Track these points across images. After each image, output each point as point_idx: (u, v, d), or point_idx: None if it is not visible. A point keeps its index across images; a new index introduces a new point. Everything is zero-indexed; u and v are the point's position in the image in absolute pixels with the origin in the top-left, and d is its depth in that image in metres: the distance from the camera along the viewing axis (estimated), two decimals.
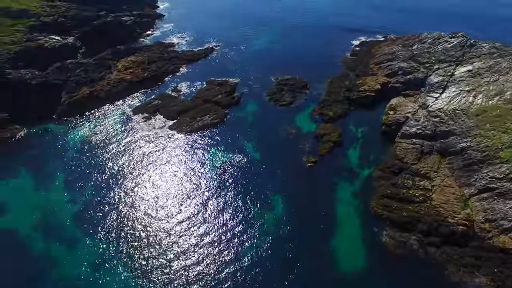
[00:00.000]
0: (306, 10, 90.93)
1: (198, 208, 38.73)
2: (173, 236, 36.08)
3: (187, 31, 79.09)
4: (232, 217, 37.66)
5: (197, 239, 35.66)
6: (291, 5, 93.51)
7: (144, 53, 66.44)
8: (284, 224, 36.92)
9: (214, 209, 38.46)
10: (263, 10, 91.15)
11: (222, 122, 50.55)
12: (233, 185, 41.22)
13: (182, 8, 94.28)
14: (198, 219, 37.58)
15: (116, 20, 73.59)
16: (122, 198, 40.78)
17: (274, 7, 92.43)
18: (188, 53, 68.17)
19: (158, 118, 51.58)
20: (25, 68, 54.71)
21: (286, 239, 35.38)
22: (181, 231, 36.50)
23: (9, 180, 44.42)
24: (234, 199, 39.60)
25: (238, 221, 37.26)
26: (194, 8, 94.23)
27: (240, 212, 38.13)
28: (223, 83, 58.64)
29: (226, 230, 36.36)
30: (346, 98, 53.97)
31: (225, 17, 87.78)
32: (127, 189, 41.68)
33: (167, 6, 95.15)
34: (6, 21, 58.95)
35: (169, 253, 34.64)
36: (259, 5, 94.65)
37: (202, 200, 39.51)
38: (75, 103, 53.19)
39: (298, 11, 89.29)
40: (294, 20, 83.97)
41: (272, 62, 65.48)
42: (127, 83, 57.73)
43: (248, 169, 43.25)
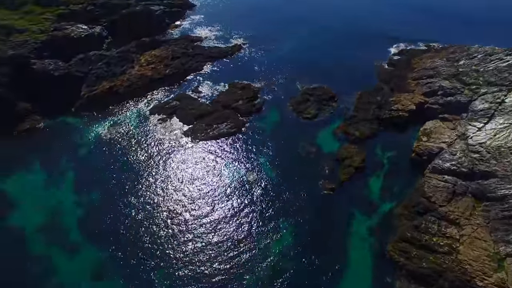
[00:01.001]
0: (342, 13, 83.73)
1: (200, 226, 36.95)
2: (176, 251, 34.66)
3: (217, 24, 76.04)
4: (235, 242, 35.52)
5: (197, 265, 33.99)
6: (327, 7, 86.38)
7: (169, 47, 64.47)
8: (290, 257, 34.38)
9: (217, 230, 36.47)
10: (298, 8, 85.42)
11: (239, 132, 47.94)
12: (240, 205, 38.90)
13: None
14: (200, 239, 35.85)
15: (145, 9, 71.77)
16: (127, 205, 39.73)
17: (310, 7, 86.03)
18: (214, 50, 65.41)
19: (174, 122, 49.76)
20: (50, 58, 54.39)
21: (290, 275, 32.88)
22: (185, 251, 34.97)
23: (23, 174, 44.61)
24: (239, 221, 37.32)
25: (240, 248, 35.10)
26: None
27: (244, 238, 35.90)
28: (246, 87, 55.69)
29: (224, 259, 34.27)
30: (376, 116, 49.50)
31: (258, 11, 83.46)
32: (132, 196, 40.53)
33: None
34: (36, 9, 58.73)
35: (171, 268, 33.34)
36: (294, 2, 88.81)
37: (207, 220, 37.61)
38: (94, 98, 52.42)
39: (334, 13, 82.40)
40: (328, 22, 77.52)
41: (300, 66, 61.38)
42: (148, 79, 56.17)
43: (259, 188, 40.72)
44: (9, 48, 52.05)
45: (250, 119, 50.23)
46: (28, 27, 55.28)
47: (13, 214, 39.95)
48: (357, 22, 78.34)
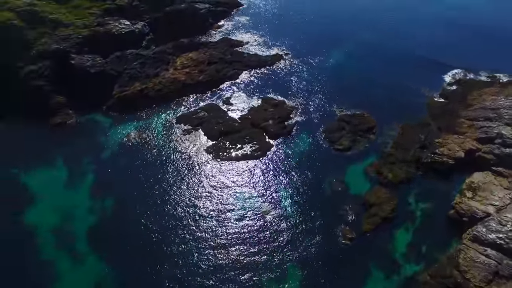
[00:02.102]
0: (394, 30, 75.64)
1: (199, 255, 35.03)
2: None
3: (261, 28, 72.89)
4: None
5: None
6: (381, 23, 78.67)
7: (208, 50, 62.58)
8: None
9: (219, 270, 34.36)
10: (349, 20, 78.66)
11: (263, 156, 45.21)
12: (247, 240, 36.38)
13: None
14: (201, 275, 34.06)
15: (190, 7, 70.32)
16: (138, 216, 38.83)
17: (363, 21, 78.81)
18: (253, 58, 62.54)
19: (199, 135, 48.07)
20: (89, 54, 54.69)
21: None
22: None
23: (47, 169, 45.36)
24: (243, 261, 34.92)
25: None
26: (280, 1, 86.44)
27: (247, 281, 33.60)
28: (279, 105, 52.57)
29: None
30: (416, 158, 44.44)
31: (307, 19, 78.72)
32: (143, 209, 39.56)
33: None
34: (85, 3, 59.15)
35: None
36: (348, 15, 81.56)
37: (208, 250, 35.65)
38: (124, 99, 52.09)
39: (386, 31, 74.54)
40: (378, 39, 70.56)
41: (341, 87, 56.98)
42: (180, 84, 54.82)
43: (272, 224, 37.99)
44: (54, 41, 52.87)
45: (278, 143, 47.24)
46: (73, 21, 55.83)
47: (30, 210, 40.55)
48: (409, 41, 71.07)
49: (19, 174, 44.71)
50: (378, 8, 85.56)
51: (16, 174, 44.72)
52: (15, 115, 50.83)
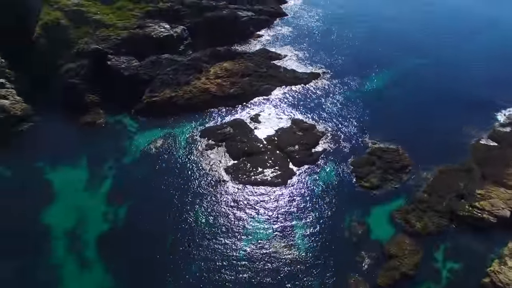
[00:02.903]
0: (443, 57, 69.97)
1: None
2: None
3: (302, 41, 70.28)
4: None
5: None
6: (427, 48, 72.47)
7: (243, 61, 61.07)
8: None
9: None
10: (401, 44, 73.30)
11: (284, 184, 43.01)
12: (252, 275, 34.37)
13: (312, 9, 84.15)
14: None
15: (231, 14, 69.15)
16: (147, 229, 38.16)
17: (414, 47, 72.72)
18: (289, 74, 60.18)
19: (221, 152, 46.74)
20: (126, 55, 55.18)
21: None
22: None
23: (71, 167, 46.08)
24: None
25: None
26: (326, 13, 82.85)
27: None
28: (308, 129, 49.99)
29: None
30: (450, 209, 40.25)
31: (353, 35, 74.72)
32: (153, 221, 38.84)
33: (297, 4, 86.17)
34: (128, 5, 59.82)
35: None
36: (398, 37, 75.99)
37: (216, 275, 34.18)
38: (153, 105, 51.94)
39: (442, 62, 68.58)
40: (423, 66, 65.66)
41: (378, 117, 53.16)
42: (210, 96, 53.81)
43: (281, 261, 35.69)
44: (94, 41, 53.89)
45: (301, 171, 44.79)
46: (115, 22, 56.60)
47: (50, 208, 41.19)
48: (460, 72, 65.35)
49: (44, 168, 45.84)
50: (432, 32, 79.53)
51: (42, 168, 45.90)
52: (52, 110, 52.39)
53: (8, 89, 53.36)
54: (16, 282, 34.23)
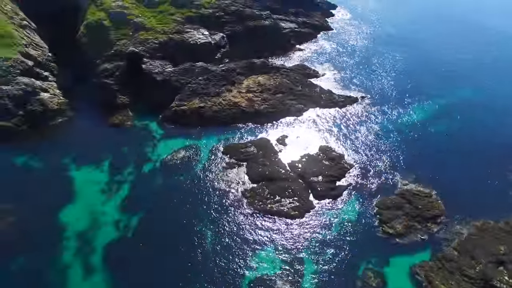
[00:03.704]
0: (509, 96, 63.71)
1: None
2: None
3: (343, 60, 66.86)
4: None
5: None
6: (495, 84, 65.60)
7: (279, 75, 59.00)
8: None
9: None
10: (453, 72, 67.39)
11: (300, 217, 40.61)
12: None
13: (361, 25, 79.93)
14: None
15: (274, 25, 67.19)
16: (154, 244, 37.53)
17: (468, 76, 66.64)
18: (325, 96, 57.23)
19: (240, 173, 45.17)
20: (161, 60, 55.16)
21: None
22: None
23: (93, 168, 46.69)
24: None
25: None
26: (374, 31, 78.37)
27: None
28: (336, 159, 47.08)
29: None
30: (485, 277, 35.81)
31: (400, 57, 70.07)
32: (161, 235, 38.19)
33: (345, 19, 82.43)
34: (170, 9, 59.75)
35: None
36: (451, 64, 69.90)
37: None
38: (180, 113, 51.50)
39: (499, 96, 62.34)
40: (483, 103, 59.53)
41: (414, 154, 48.93)
42: (239, 111, 52.34)
43: None
44: (131, 44, 54.32)
45: (321, 205, 42.12)
46: (154, 26, 56.68)
47: (67, 207, 41.98)
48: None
49: (69, 165, 46.92)
50: (493, 65, 72.60)
51: (67, 164, 47.02)
52: (85, 107, 53.93)
53: (50, 82, 55.39)
54: (18, 277, 34.87)
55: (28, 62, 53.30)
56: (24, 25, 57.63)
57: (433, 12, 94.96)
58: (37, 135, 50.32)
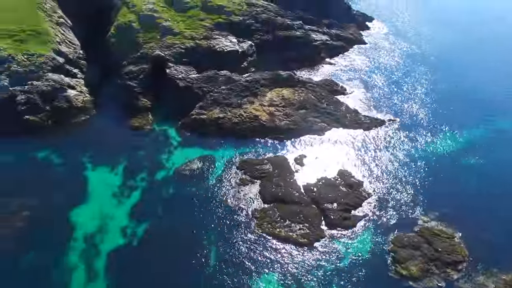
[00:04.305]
0: None
1: None
2: None
3: (375, 78, 63.80)
4: None
5: None
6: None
7: (305, 90, 57.07)
8: None
9: None
10: (495, 101, 62.64)
11: (308, 247, 38.69)
12: None
13: (397, 41, 76.10)
14: None
15: (305, 37, 65.26)
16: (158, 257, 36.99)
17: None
18: (350, 115, 54.72)
19: (252, 192, 43.83)
20: (186, 65, 54.83)
21: None
22: None
23: (109, 170, 47.14)
24: None
25: None
26: (411, 49, 74.21)
27: None
28: (355, 186, 44.71)
29: None
30: None
31: (438, 79, 65.86)
32: (165, 249, 37.62)
33: (380, 33, 78.90)
34: (200, 14, 59.28)
35: None
36: (494, 93, 64.62)
37: None
38: (199, 122, 50.99)
39: None
40: None
41: (441, 188, 45.52)
42: (259, 125, 51.03)
43: None
44: (158, 48, 54.39)
45: (332, 235, 39.97)
46: (182, 30, 56.39)
47: (79, 208, 42.48)
48: None
49: (86, 164, 47.70)
50: None
51: (84, 163, 47.83)
52: (107, 107, 54.89)
53: (78, 79, 56.70)
54: (25, 274, 35.44)
55: (59, 59, 54.73)
56: (61, 23, 59.29)
57: (477, 35, 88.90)
58: (61, 131, 51.69)
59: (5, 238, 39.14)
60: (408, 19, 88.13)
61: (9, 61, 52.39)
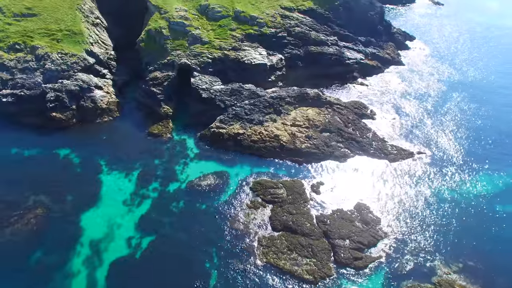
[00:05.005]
0: None
1: None
2: None
3: (407, 104, 59.90)
4: None
5: None
6: None
7: (331, 111, 54.55)
8: None
9: None
10: None
11: (313, 283, 36.56)
12: None
13: (438, 64, 71.16)
14: None
15: (337, 53, 62.43)
16: (160, 272, 36.71)
17: None
18: (376, 143, 51.54)
19: (263, 215, 42.25)
20: (212, 75, 53.99)
21: None
22: None
23: (122, 176, 47.33)
24: None
25: None
26: (452, 74, 68.99)
27: None
28: (371, 223, 41.85)
29: None
30: None
31: (479, 110, 60.81)
32: (168, 265, 37.20)
33: (421, 54, 74.09)
34: (232, 24, 58.04)
35: None
36: None
37: None
38: (219, 136, 49.90)
39: None
40: None
41: (469, 236, 41.56)
42: (278, 145, 49.23)
43: None
44: (185, 56, 53.91)
45: (340, 274, 37.55)
46: (211, 40, 55.53)
47: (90, 211, 42.96)
48: None
49: (102, 167, 48.20)
50: None
51: (100, 166, 48.39)
52: (130, 111, 55.36)
53: (107, 80, 57.47)
54: (30, 273, 36.23)
55: (90, 60, 55.77)
56: (97, 23, 60.47)
57: None
58: (83, 130, 52.63)
59: (18, 234, 40.41)
60: (455, 42, 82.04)
61: (45, 59, 54.07)
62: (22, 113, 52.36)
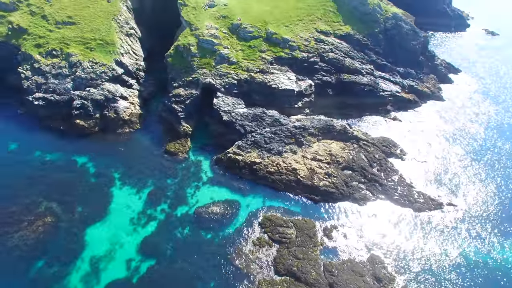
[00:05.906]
0: None
1: None
2: None
3: (442, 146, 54.90)
4: None
5: None
6: None
7: (356, 147, 51.11)
8: None
9: None
10: None
11: None
12: None
13: (483, 102, 65.19)
14: None
15: (371, 84, 58.68)
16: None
17: None
18: (400, 187, 47.39)
19: (268, 256, 39.82)
20: (236, 97, 52.47)
21: None
22: None
23: (133, 191, 47.27)
24: None
25: None
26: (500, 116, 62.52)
27: None
28: (384, 281, 38.12)
29: None
30: None
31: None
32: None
33: (465, 90, 68.00)
34: (262, 46, 56.04)
35: None
36: None
37: None
38: (235, 162, 48.17)
39: None
40: None
41: None
42: (295, 179, 46.62)
43: None
44: (210, 75, 52.87)
45: None
46: (239, 60, 54.05)
47: (96, 225, 43.06)
48: None
49: (115, 181, 48.29)
50: None
51: (113, 179, 48.48)
52: (150, 125, 55.37)
53: (133, 90, 57.80)
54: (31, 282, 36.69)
55: (118, 70, 56.30)
56: (130, 34, 61.13)
57: None
58: (103, 139, 53.11)
59: (25, 240, 41.13)
60: (507, 78, 74.78)
61: (77, 66, 55.29)
62: (50, 117, 53.88)
